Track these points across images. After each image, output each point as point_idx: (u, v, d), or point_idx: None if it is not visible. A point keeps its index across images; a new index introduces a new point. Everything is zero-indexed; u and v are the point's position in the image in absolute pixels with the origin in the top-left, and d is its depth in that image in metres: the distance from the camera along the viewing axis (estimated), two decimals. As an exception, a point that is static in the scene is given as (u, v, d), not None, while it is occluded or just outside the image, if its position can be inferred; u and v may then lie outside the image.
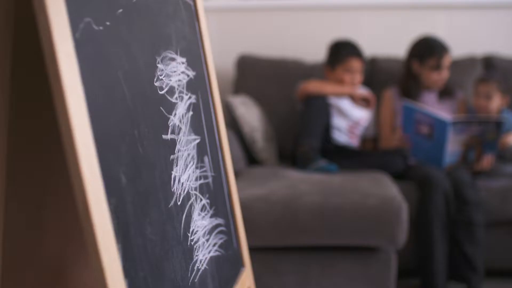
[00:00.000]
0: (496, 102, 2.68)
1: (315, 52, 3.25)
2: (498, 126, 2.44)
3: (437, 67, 2.74)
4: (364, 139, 2.96)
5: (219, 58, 3.32)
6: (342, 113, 2.82)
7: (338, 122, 2.81)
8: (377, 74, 2.97)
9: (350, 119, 2.84)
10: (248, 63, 3.11)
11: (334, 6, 3.31)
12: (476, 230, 2.36)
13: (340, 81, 2.75)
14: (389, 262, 2.10)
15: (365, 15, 3.32)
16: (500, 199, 2.46)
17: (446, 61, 2.75)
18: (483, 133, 2.45)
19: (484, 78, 2.74)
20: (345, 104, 2.82)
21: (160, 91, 0.93)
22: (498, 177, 2.57)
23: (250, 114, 2.72)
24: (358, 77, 2.78)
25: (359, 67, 2.77)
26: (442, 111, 2.76)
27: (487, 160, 2.53)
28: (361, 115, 2.87)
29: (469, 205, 2.37)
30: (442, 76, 2.76)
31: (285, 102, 3.00)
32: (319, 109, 2.64)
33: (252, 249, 2.00)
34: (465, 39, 3.27)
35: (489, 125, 2.44)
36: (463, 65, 3.05)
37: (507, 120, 2.70)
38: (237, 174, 2.44)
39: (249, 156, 2.72)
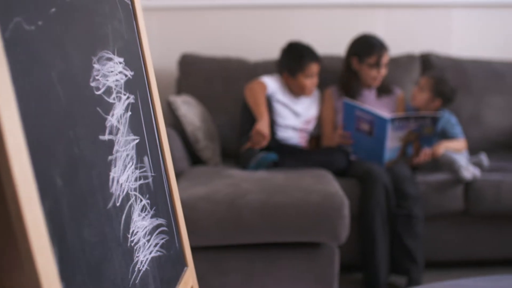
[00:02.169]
0: (423, 96, 2.78)
1: (258, 51, 3.27)
2: (434, 121, 2.52)
3: (377, 64, 2.80)
4: (309, 138, 3.00)
5: (161, 58, 3.30)
6: (296, 113, 2.85)
7: (291, 121, 2.83)
8: (319, 73, 3.00)
9: (303, 118, 2.87)
10: (190, 62, 3.09)
11: (276, 5, 3.34)
12: (415, 223, 2.42)
13: (301, 87, 2.78)
14: (332, 257, 2.13)
15: (306, 14, 3.36)
16: (438, 193, 2.54)
17: (385, 59, 2.81)
18: (420, 128, 2.52)
19: (430, 74, 2.86)
20: (298, 105, 2.86)
21: (97, 91, 0.92)
22: (436, 171, 2.66)
23: (192, 113, 2.71)
24: (316, 80, 2.82)
25: (318, 70, 2.81)
26: (381, 108, 2.82)
27: (425, 154, 2.60)
28: (313, 113, 2.92)
29: (409, 199, 2.43)
30: (380, 73, 2.82)
31: (228, 101, 3.00)
32: None
33: (196, 249, 2.00)
34: (404, 37, 3.35)
35: (426, 120, 2.51)
36: (402, 62, 3.13)
37: (447, 119, 2.79)
38: (180, 174, 2.43)
39: (193, 156, 2.71)
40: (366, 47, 2.83)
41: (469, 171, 2.52)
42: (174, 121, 2.70)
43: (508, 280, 1.47)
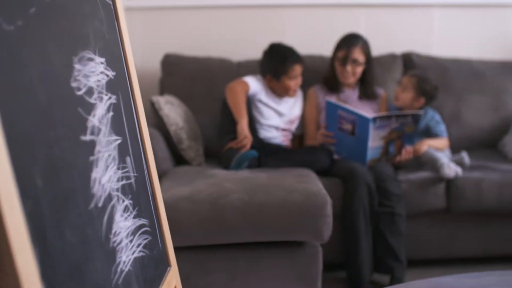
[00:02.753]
0: (408, 96, 2.79)
1: (241, 51, 3.27)
2: (415, 119, 2.54)
3: (344, 60, 2.82)
4: (292, 137, 3.00)
5: (144, 58, 3.28)
6: (279, 113, 2.85)
7: (274, 121, 2.83)
8: (302, 72, 3.00)
9: (286, 118, 2.88)
10: (173, 63, 3.08)
11: (258, 4, 3.34)
12: (398, 221, 2.44)
13: (286, 89, 2.78)
14: (315, 256, 2.14)
15: (288, 14, 3.37)
16: (420, 191, 2.56)
17: (354, 55, 2.80)
18: (401, 126, 2.54)
19: (411, 73, 2.86)
20: (281, 105, 2.86)
21: (78, 91, 0.92)
22: (419, 169, 2.68)
23: (175, 113, 2.71)
24: (300, 80, 2.82)
25: (301, 70, 2.80)
26: (364, 108, 2.83)
27: (406, 152, 2.61)
28: (296, 112, 2.92)
29: (392, 197, 2.45)
30: (347, 69, 2.83)
31: (211, 101, 3.00)
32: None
33: (179, 249, 1.99)
34: (385, 37, 3.37)
35: (407, 119, 2.53)
36: (384, 62, 3.15)
37: (431, 116, 2.81)
38: (163, 174, 2.43)
39: (176, 156, 2.70)
40: (339, 42, 2.85)
41: (451, 169, 2.54)
42: (157, 121, 2.69)
43: (489, 277, 1.49)
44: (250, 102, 2.75)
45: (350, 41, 2.81)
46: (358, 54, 2.80)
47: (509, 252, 2.70)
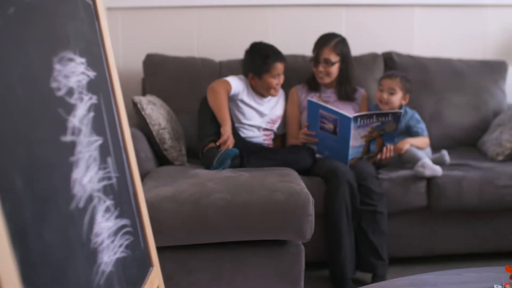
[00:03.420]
0: (397, 97, 2.79)
1: (223, 50, 3.26)
2: (396, 117, 2.55)
3: (316, 60, 2.84)
4: (274, 137, 3.00)
5: (127, 58, 3.27)
6: (261, 113, 2.85)
7: (256, 121, 2.84)
8: (284, 72, 3.01)
9: (268, 117, 2.88)
10: (155, 63, 3.07)
11: (241, 4, 3.34)
12: (380, 219, 2.46)
13: (268, 87, 2.79)
14: (298, 254, 2.14)
15: (269, 13, 3.37)
16: (401, 189, 2.58)
17: (324, 54, 2.82)
18: (382, 125, 2.55)
19: (391, 74, 2.85)
20: (263, 105, 2.86)
21: (58, 92, 0.91)
22: (401, 168, 2.70)
23: (158, 113, 2.70)
24: (282, 78, 2.82)
25: (283, 68, 2.81)
26: (345, 108, 2.84)
27: (387, 150, 2.63)
28: (278, 112, 2.93)
29: (374, 196, 2.46)
30: (320, 69, 2.84)
31: (193, 101, 2.98)
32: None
33: (162, 248, 1.99)
34: (366, 36, 3.38)
35: (388, 117, 2.54)
36: (366, 61, 3.17)
37: (411, 115, 2.83)
38: (146, 174, 2.42)
39: (159, 156, 2.69)
40: (314, 43, 2.87)
41: (425, 167, 2.56)
42: (140, 121, 2.68)
43: (468, 274, 1.51)
44: (231, 101, 2.75)
45: (321, 42, 2.84)
46: (329, 54, 2.82)
47: (488, 249, 2.73)
